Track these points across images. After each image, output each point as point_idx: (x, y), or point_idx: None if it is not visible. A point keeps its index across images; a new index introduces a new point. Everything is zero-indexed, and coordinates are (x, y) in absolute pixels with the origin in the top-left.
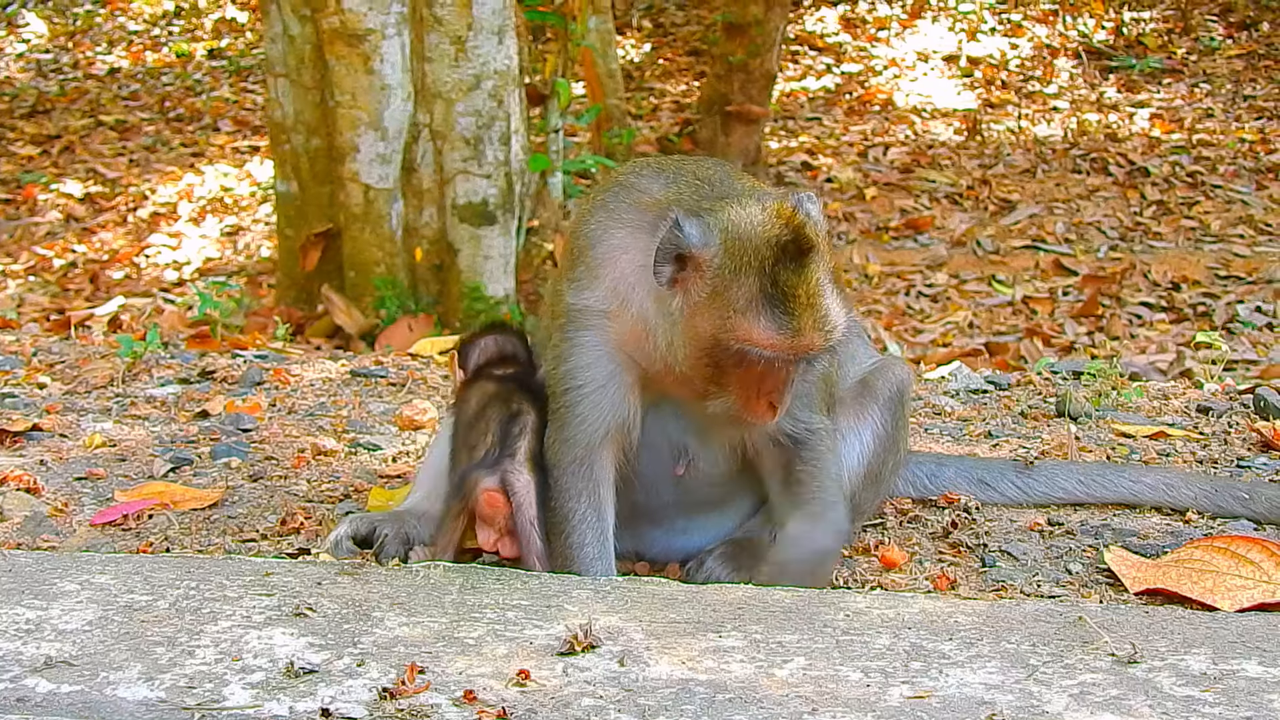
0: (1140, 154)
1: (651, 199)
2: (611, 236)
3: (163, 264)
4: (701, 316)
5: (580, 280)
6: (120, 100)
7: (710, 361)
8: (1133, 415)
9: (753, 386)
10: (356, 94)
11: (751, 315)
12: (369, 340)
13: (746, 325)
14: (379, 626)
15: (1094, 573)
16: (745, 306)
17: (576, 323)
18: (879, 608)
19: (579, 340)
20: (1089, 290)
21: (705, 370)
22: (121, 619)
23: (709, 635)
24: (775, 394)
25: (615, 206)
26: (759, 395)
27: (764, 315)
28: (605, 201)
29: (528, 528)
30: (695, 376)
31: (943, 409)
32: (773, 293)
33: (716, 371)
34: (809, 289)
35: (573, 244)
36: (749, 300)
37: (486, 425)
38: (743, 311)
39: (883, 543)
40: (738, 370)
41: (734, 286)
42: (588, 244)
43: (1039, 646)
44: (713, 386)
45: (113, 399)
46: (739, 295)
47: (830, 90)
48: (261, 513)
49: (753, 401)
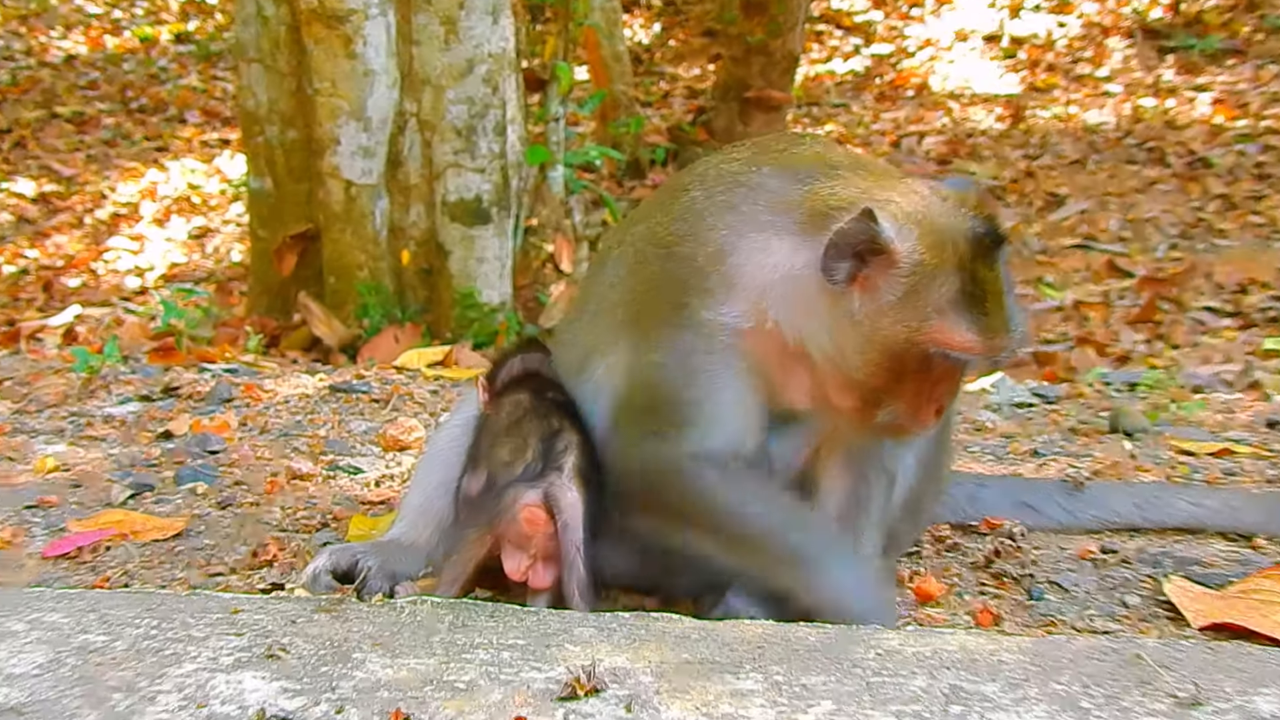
0: (1202, 143)
1: (791, 198)
2: (749, 243)
3: (123, 270)
4: (891, 318)
5: (715, 293)
6: (77, 90)
7: (894, 367)
8: (1195, 430)
9: (926, 392)
10: (337, 81)
11: (953, 316)
12: (351, 353)
13: (946, 328)
14: (360, 669)
15: (1152, 606)
16: (945, 307)
17: (709, 340)
18: (914, 646)
19: (710, 360)
20: (1146, 294)
21: (885, 377)
22: (75, 662)
23: (726, 677)
24: (946, 399)
25: (749, 210)
26: (930, 400)
27: (965, 316)
28: (733, 203)
29: (572, 552)
30: (871, 384)
31: (984, 425)
32: (973, 290)
33: (895, 378)
34: (1000, 285)
35: (690, 249)
36: (950, 300)
37: (525, 439)
38: (943, 313)
39: (918, 573)
40: (916, 375)
41: (934, 285)
42: (720, 251)
43: (1091, 688)
44: (886, 396)
45: (67, 419)
46: (940, 295)
47: (859, 73)
48: (230, 544)
49: (923, 408)
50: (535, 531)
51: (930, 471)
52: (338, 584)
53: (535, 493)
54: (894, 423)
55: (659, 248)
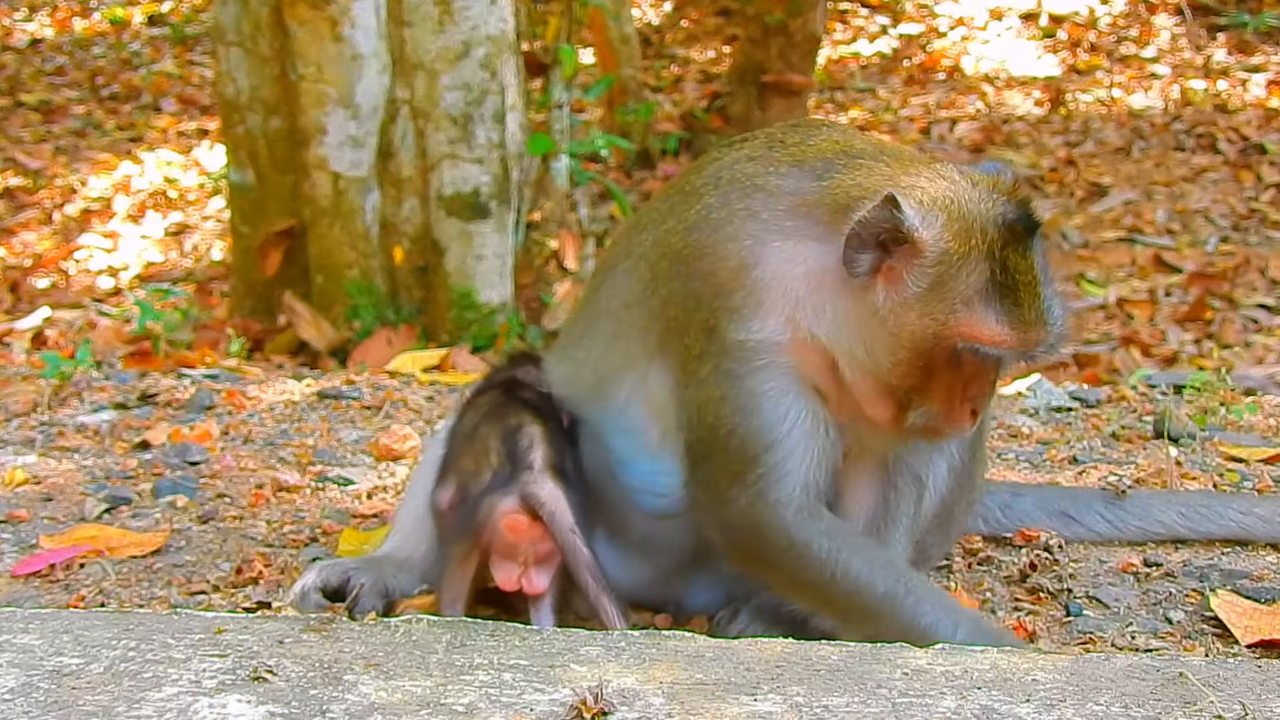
0: (1255, 128)
1: (811, 196)
2: (773, 253)
3: (96, 269)
4: (918, 311)
5: (742, 310)
6: (44, 76)
7: (922, 364)
8: (1245, 436)
9: (958, 391)
10: (323, 65)
11: (982, 308)
12: (341, 357)
13: (975, 320)
14: (352, 691)
15: (1198, 622)
16: (974, 298)
17: (750, 363)
18: (943, 665)
19: (761, 384)
20: (1195, 290)
21: (913, 376)
22: (49, 685)
23: (742, 698)
24: (980, 399)
25: (769, 216)
26: (963, 400)
27: (995, 307)
28: (752, 210)
29: (570, 538)
30: (900, 385)
31: (1019, 430)
32: (1003, 280)
33: (925, 377)
34: (1035, 275)
35: (709, 264)
36: (979, 291)
37: (486, 443)
38: (970, 304)
39: (949, 588)
40: (946, 373)
41: (961, 275)
42: (744, 265)
43: (1132, 708)
44: (916, 396)
45: (37, 428)
46: (967, 285)
47: (886, 56)
48: (213, 560)
49: (956, 408)
50: (520, 538)
51: (962, 480)
52: (327, 602)
53: (511, 498)
54: (927, 425)
55: (677, 262)
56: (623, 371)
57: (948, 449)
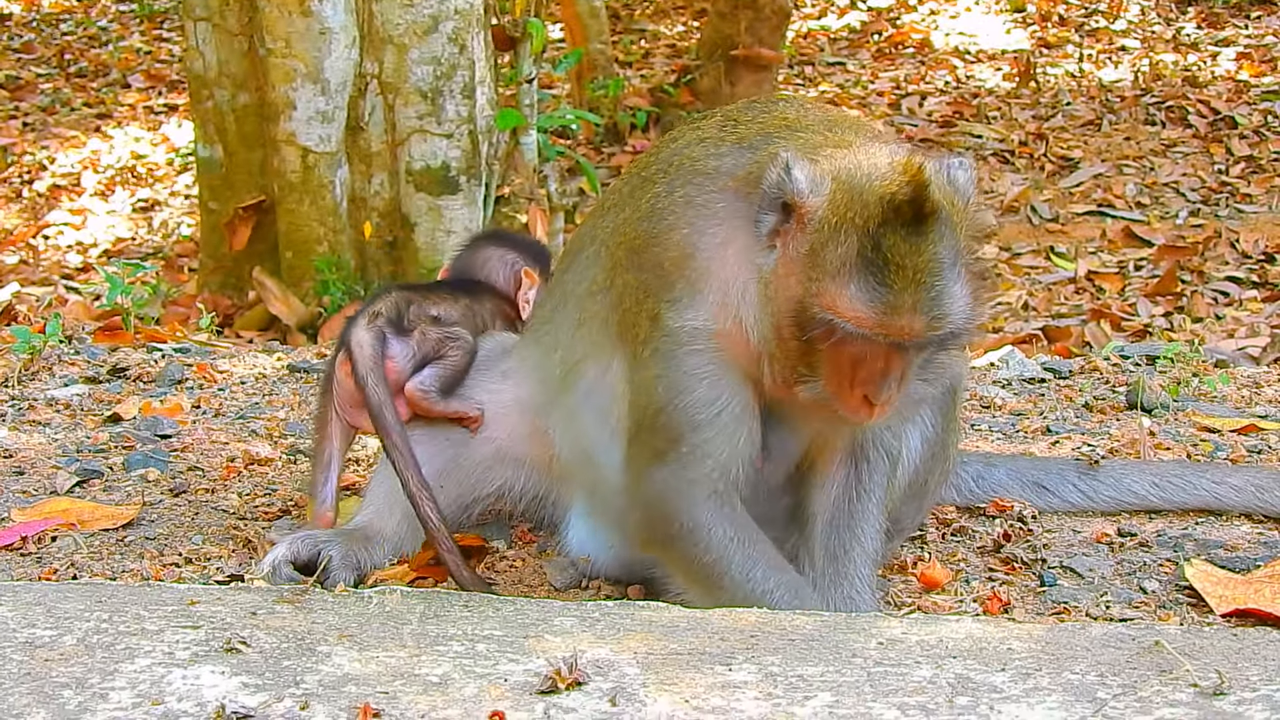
0: (1225, 101)
1: (741, 173)
2: (710, 239)
3: (65, 246)
4: (796, 277)
5: (680, 299)
6: (10, 53)
7: (796, 335)
8: (1218, 406)
9: (845, 374)
10: (291, 40)
11: (841, 280)
12: (310, 333)
13: (834, 292)
14: (325, 662)
15: (1173, 591)
16: (837, 269)
17: (684, 348)
18: (918, 634)
19: (691, 369)
20: (1166, 263)
21: (792, 347)
22: (21, 658)
23: (716, 668)
24: (870, 386)
25: (705, 200)
26: (852, 385)
27: (855, 282)
28: (691, 197)
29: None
30: (781, 354)
31: (992, 401)
32: (872, 258)
33: (805, 350)
34: (919, 262)
35: (656, 254)
36: (842, 262)
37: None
38: (833, 275)
39: (922, 559)
40: (828, 350)
41: (831, 244)
42: (684, 253)
43: (1108, 677)
44: (802, 368)
45: (7, 402)
46: (833, 255)
47: (855, 30)
48: (185, 533)
49: (845, 392)
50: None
51: (936, 450)
52: (299, 575)
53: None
54: (827, 404)
55: (630, 252)
56: (587, 360)
57: (921, 419)
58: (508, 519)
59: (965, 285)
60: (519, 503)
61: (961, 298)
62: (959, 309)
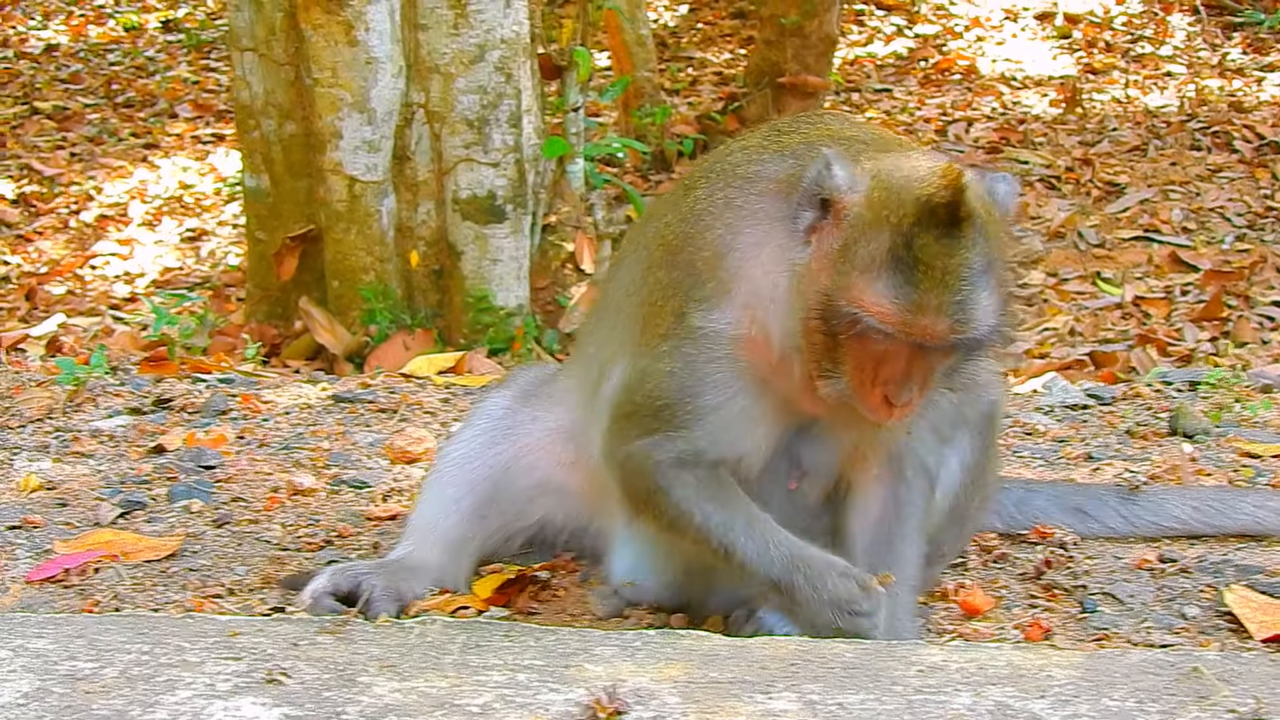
0: (1271, 126)
1: (781, 177)
2: (745, 240)
3: (111, 276)
4: (827, 271)
5: (709, 299)
6: (59, 83)
7: (822, 329)
8: (1260, 432)
9: (868, 371)
10: (338, 69)
11: (870, 276)
12: (357, 362)
13: (861, 285)
14: (366, 693)
15: (1213, 617)
16: (867, 265)
17: (704, 350)
18: (958, 661)
19: (706, 374)
20: (1212, 288)
21: (817, 340)
22: (62, 690)
23: (756, 696)
24: (891, 386)
25: (744, 203)
26: (874, 384)
27: (884, 279)
28: (730, 199)
29: None
30: (807, 349)
31: (1034, 427)
32: (903, 256)
33: (829, 345)
34: (949, 264)
35: (690, 254)
36: (873, 258)
37: None
38: (863, 270)
39: (964, 586)
40: (852, 346)
41: (864, 240)
42: (717, 253)
43: (1147, 704)
44: (826, 363)
45: (52, 434)
46: (865, 251)
47: (902, 56)
48: (228, 564)
49: (866, 390)
50: None
51: (976, 477)
52: (340, 606)
53: None
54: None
55: (667, 251)
56: (612, 356)
57: (959, 445)
58: (550, 548)
59: (994, 295)
60: (561, 533)
61: (988, 306)
62: (985, 316)
